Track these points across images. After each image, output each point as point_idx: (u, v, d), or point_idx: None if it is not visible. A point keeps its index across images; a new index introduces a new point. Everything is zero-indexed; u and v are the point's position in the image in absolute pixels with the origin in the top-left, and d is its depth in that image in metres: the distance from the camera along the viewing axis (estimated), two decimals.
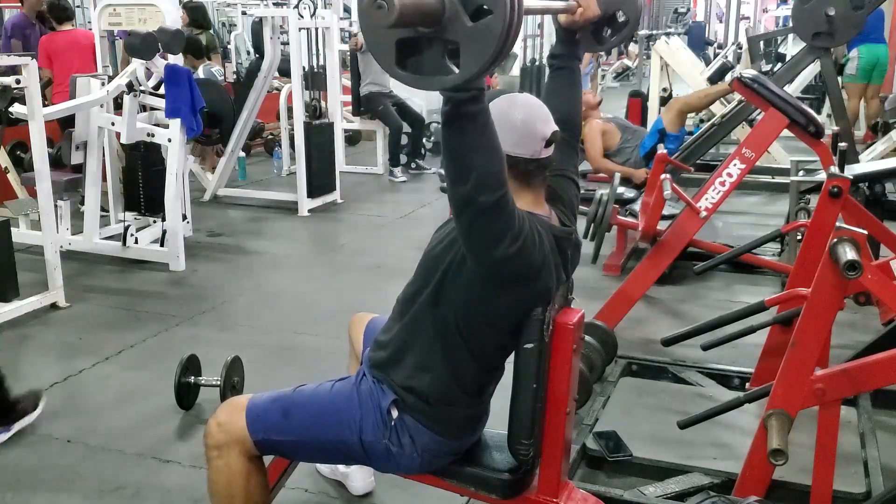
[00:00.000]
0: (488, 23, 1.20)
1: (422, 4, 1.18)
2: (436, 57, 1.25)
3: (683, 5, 22.03)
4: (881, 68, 8.03)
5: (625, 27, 1.99)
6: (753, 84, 3.43)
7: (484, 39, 1.21)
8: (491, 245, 1.55)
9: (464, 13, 1.21)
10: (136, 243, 4.72)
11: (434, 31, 1.22)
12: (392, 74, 1.28)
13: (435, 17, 1.21)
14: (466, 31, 1.21)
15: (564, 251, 1.78)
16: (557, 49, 2.00)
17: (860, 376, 1.98)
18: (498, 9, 1.19)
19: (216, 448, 1.84)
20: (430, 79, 1.27)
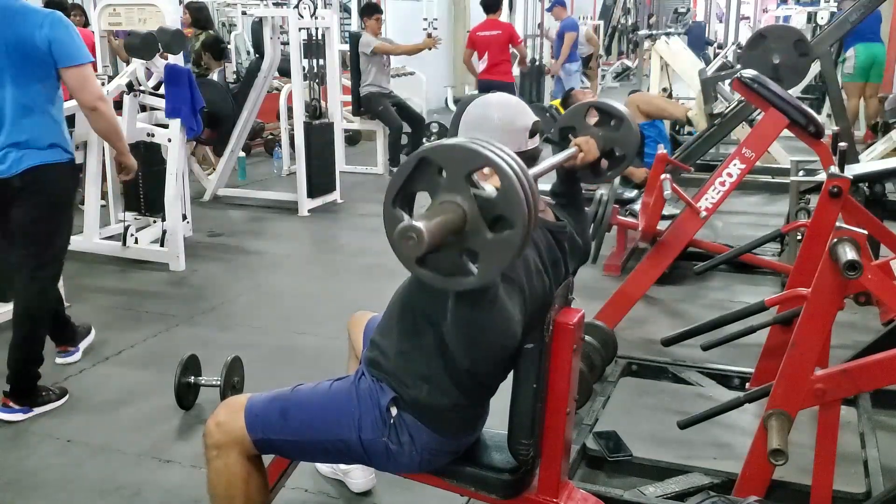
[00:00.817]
0: (509, 237, 1.24)
1: (446, 224, 1.22)
2: (455, 258, 1.28)
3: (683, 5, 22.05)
4: (878, 67, 8.04)
5: (622, 161, 2.07)
6: (753, 84, 3.43)
7: (503, 250, 1.25)
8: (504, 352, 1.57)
9: (484, 225, 1.25)
10: (136, 243, 4.72)
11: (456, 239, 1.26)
12: (411, 270, 1.31)
13: (458, 230, 1.24)
14: (487, 242, 1.25)
15: (562, 245, 1.79)
16: (559, 188, 2.04)
17: (860, 376, 1.98)
18: (518, 223, 1.23)
19: (215, 448, 1.84)
20: (449, 279, 1.30)
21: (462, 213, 1.24)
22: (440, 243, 1.23)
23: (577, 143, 1.96)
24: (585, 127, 2.05)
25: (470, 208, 1.24)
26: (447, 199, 1.25)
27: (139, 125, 4.62)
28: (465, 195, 1.24)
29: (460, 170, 1.24)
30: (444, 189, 1.26)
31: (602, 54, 15.83)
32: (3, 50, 2.76)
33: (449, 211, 1.23)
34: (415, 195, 1.30)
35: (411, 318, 1.78)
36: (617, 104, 2.09)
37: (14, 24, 2.77)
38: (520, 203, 1.22)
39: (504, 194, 1.23)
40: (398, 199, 1.29)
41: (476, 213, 1.24)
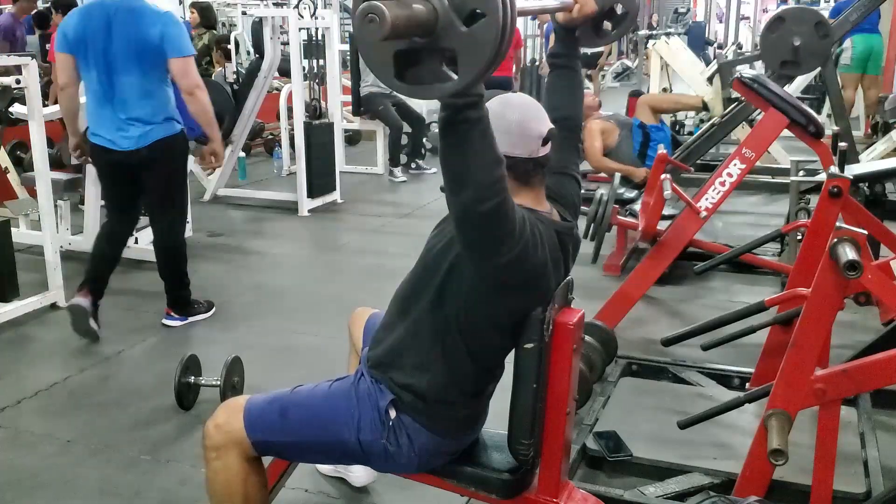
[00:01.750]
0: (482, 27, 1.20)
1: (414, 15, 1.17)
2: (434, 65, 1.24)
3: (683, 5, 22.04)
4: (876, 58, 8.02)
5: (625, 19, 1.98)
6: (753, 84, 3.43)
7: (479, 44, 1.20)
8: (492, 252, 1.54)
9: (457, 20, 1.20)
10: (136, 243, 4.72)
11: (430, 40, 1.22)
12: (391, 86, 1.28)
13: (428, 26, 1.20)
14: (461, 37, 1.21)
15: (566, 246, 1.79)
16: (557, 48, 2.00)
17: (860, 376, 1.98)
18: (491, 12, 1.19)
19: (214, 449, 1.83)
20: (429, 87, 1.26)
21: (431, 7, 1.19)
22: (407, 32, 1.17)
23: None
24: None
25: (440, 3, 1.20)
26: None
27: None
28: None
29: None
30: None
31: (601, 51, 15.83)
32: (126, 44, 3.34)
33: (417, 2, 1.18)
34: None
35: (412, 309, 1.78)
36: None
37: (135, 23, 3.35)
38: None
39: None
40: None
41: (447, 7, 1.20)
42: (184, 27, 3.56)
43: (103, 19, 3.35)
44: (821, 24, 4.56)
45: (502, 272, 1.59)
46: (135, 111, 3.42)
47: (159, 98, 3.47)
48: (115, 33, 3.34)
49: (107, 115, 3.44)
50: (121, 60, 3.36)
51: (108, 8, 3.37)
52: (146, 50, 3.35)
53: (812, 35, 4.43)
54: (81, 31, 3.39)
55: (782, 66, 4.73)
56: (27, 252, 4.61)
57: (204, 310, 3.90)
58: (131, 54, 3.35)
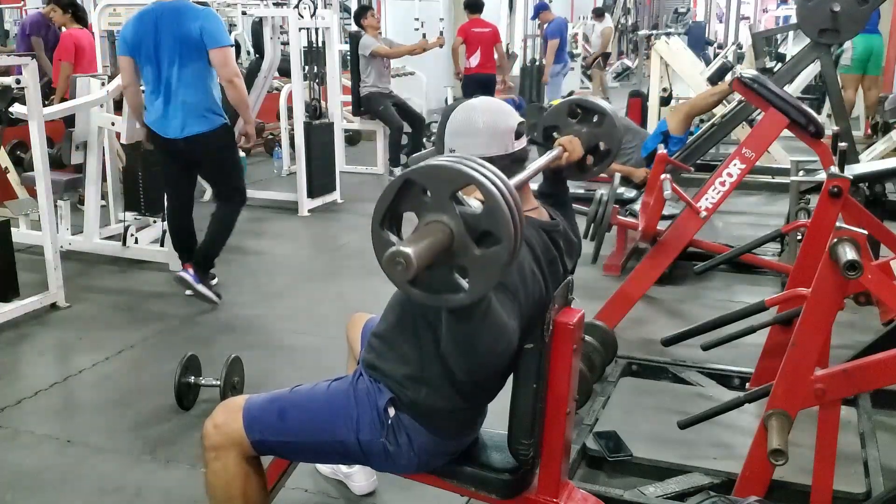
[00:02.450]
0: (496, 252, 1.25)
1: (434, 246, 1.23)
2: (446, 275, 1.29)
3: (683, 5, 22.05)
4: (876, 59, 8.02)
5: (607, 156, 2.07)
6: (753, 84, 3.43)
7: (491, 266, 1.26)
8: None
9: (471, 242, 1.26)
10: (136, 243, 4.72)
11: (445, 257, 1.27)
12: (404, 291, 1.31)
13: (445, 250, 1.25)
14: (475, 258, 1.26)
15: (557, 243, 1.79)
16: (546, 188, 2.04)
17: (860, 376, 1.98)
18: (504, 240, 1.24)
19: (213, 450, 1.83)
20: (440, 297, 1.31)
21: (449, 232, 1.25)
22: (429, 264, 1.24)
23: (561, 143, 1.96)
24: (568, 125, 2.06)
25: (456, 226, 1.25)
26: (433, 219, 1.26)
27: (139, 125, 4.61)
28: (451, 214, 1.26)
29: (445, 190, 1.26)
30: (429, 209, 1.27)
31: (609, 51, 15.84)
32: (172, 41, 3.70)
33: (436, 231, 1.25)
34: (402, 216, 1.31)
35: (410, 321, 1.78)
36: (598, 100, 2.10)
37: (178, 20, 3.70)
38: (505, 218, 1.23)
39: (489, 211, 1.24)
40: (385, 221, 1.30)
41: (462, 230, 1.26)
42: (221, 21, 3.88)
43: (152, 21, 3.74)
44: None
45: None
46: (179, 103, 3.78)
47: (202, 91, 3.79)
48: (162, 32, 3.72)
49: (158, 106, 3.83)
50: (167, 56, 3.73)
51: (156, 10, 3.76)
52: (188, 44, 3.70)
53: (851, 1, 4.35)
54: (136, 35, 3.77)
55: (821, 33, 4.62)
56: (27, 252, 4.61)
57: (212, 291, 4.06)
58: (176, 49, 3.71)
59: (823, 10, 4.37)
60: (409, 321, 1.78)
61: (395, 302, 1.85)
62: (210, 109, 3.84)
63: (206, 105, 3.82)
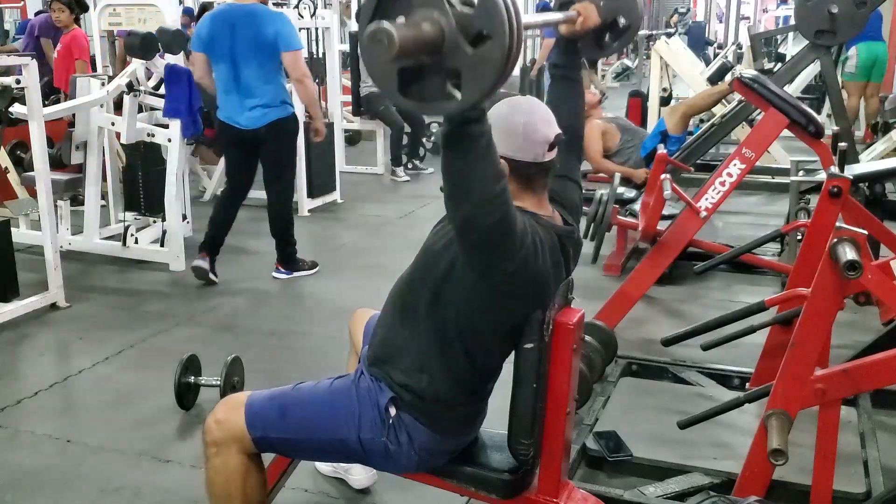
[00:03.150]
0: (489, 49, 1.20)
1: (421, 36, 1.17)
2: (438, 83, 1.24)
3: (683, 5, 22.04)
4: (880, 66, 8.02)
5: (626, 31, 1.99)
6: (753, 84, 3.43)
7: (485, 66, 1.21)
8: (493, 263, 1.55)
9: (464, 41, 1.20)
10: (136, 243, 4.72)
11: (435, 59, 1.22)
12: (395, 101, 1.28)
13: (435, 46, 1.20)
14: (467, 58, 1.21)
15: (566, 249, 1.79)
16: (558, 58, 2.00)
17: (860, 376, 1.98)
18: (497, 35, 1.18)
19: (214, 445, 1.83)
20: (432, 104, 1.26)
21: (439, 28, 1.19)
22: (414, 53, 1.18)
23: (577, 9, 1.89)
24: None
25: (447, 24, 1.20)
26: (423, 14, 1.20)
27: (139, 125, 4.62)
28: (442, 10, 1.20)
29: None
30: (419, 4, 1.21)
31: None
32: (247, 41, 4.06)
33: (425, 21, 1.19)
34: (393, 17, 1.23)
35: (410, 309, 1.78)
36: None
37: (254, 23, 4.06)
38: (500, 15, 1.17)
39: (483, 7, 1.18)
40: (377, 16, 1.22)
41: (454, 28, 1.20)
42: (293, 26, 4.24)
43: (228, 22, 4.09)
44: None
45: (503, 282, 1.59)
46: (255, 96, 4.14)
47: (275, 85, 4.18)
48: (238, 33, 4.06)
49: (232, 100, 4.17)
50: (243, 55, 4.08)
51: (231, 12, 4.13)
52: (263, 45, 4.06)
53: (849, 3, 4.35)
54: (211, 34, 4.13)
55: (817, 35, 4.61)
56: (27, 252, 4.61)
57: (307, 267, 4.54)
58: (251, 50, 4.07)
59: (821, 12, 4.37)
60: (410, 309, 1.78)
61: (395, 293, 1.85)
62: (283, 101, 4.22)
63: (280, 98, 4.20)
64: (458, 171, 1.42)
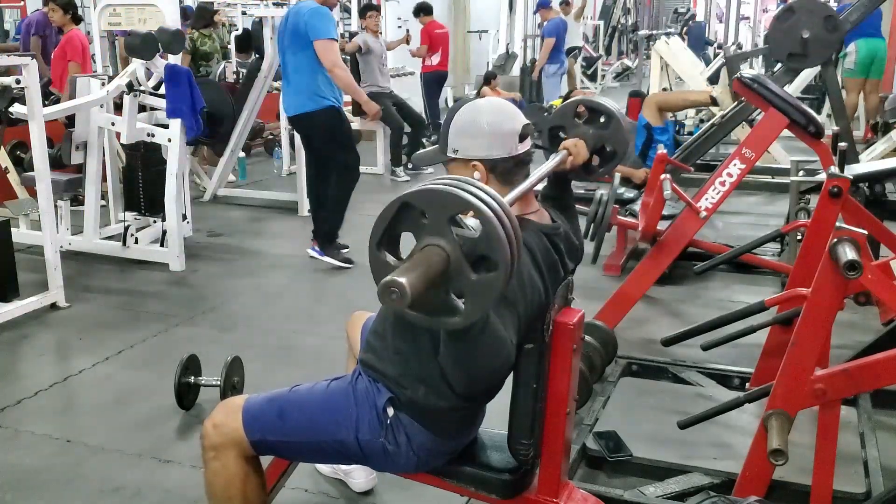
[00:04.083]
0: (492, 279, 1.25)
1: (429, 272, 1.22)
2: (442, 298, 1.29)
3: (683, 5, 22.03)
4: (879, 63, 8.02)
5: (613, 157, 2.05)
6: (753, 84, 3.43)
7: (487, 291, 1.26)
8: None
9: (468, 267, 1.26)
10: (136, 243, 4.72)
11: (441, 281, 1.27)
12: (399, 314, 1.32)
13: (442, 274, 1.25)
14: (471, 283, 1.26)
15: (558, 246, 1.78)
16: (550, 192, 2.03)
17: (860, 376, 1.98)
18: (501, 266, 1.24)
19: (213, 449, 1.83)
20: (436, 319, 1.31)
21: (445, 257, 1.25)
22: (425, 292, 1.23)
23: (566, 147, 1.94)
24: (574, 126, 2.04)
25: (453, 251, 1.25)
26: (431, 242, 1.26)
27: (139, 125, 4.62)
28: (449, 238, 1.26)
29: (442, 214, 1.26)
30: (427, 232, 1.27)
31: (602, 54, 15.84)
32: (290, 33, 4.42)
33: (432, 256, 1.24)
34: (399, 237, 1.31)
35: (408, 324, 1.77)
36: (605, 100, 2.08)
37: (297, 16, 4.39)
38: (502, 245, 1.23)
39: (486, 237, 1.24)
40: (383, 242, 1.30)
41: (459, 254, 1.26)
42: (326, 16, 4.39)
43: (286, 18, 4.51)
44: (830, 17, 4.54)
45: None
46: (291, 85, 4.49)
47: (306, 75, 4.39)
48: (287, 26, 4.44)
49: (284, 89, 4.67)
50: (288, 46, 4.45)
51: (291, 8, 4.58)
52: (298, 35, 4.35)
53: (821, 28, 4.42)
54: (278, 30, 4.64)
55: (789, 58, 4.71)
56: (27, 252, 4.61)
57: (339, 258, 4.69)
58: (291, 41, 4.41)
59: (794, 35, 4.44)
60: (408, 323, 1.77)
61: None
62: (315, 92, 4.41)
63: (311, 89, 4.39)
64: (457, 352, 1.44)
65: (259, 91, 6.25)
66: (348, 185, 4.71)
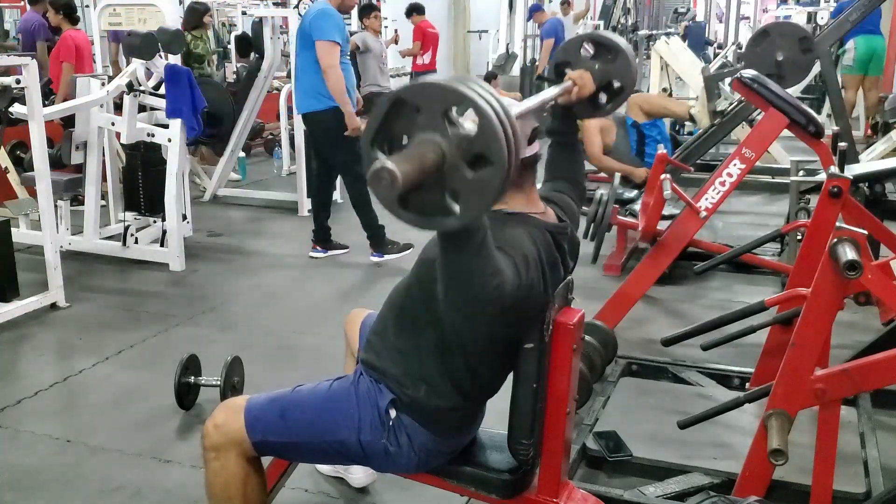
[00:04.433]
0: (488, 175, 1.21)
1: (422, 165, 1.18)
2: (437, 198, 1.25)
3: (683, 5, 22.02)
4: (878, 60, 8.02)
5: (621, 93, 2.02)
6: (753, 84, 3.43)
7: (484, 189, 1.22)
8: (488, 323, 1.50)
9: (463, 164, 1.22)
10: (136, 243, 4.72)
11: (435, 178, 1.23)
12: (394, 213, 1.27)
13: (436, 170, 1.21)
14: (466, 181, 1.22)
15: (561, 246, 1.78)
16: (556, 126, 2.01)
17: (860, 376, 1.98)
18: (497, 162, 1.20)
19: (213, 450, 1.83)
20: (430, 219, 1.27)
21: (440, 152, 1.20)
22: (417, 183, 1.19)
23: (572, 77, 1.91)
24: (581, 61, 2.00)
25: (448, 147, 1.21)
26: (424, 138, 1.21)
27: (139, 125, 4.62)
28: (443, 133, 1.21)
29: (436, 108, 1.21)
30: (420, 127, 1.22)
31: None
32: (299, 33, 4.55)
33: (426, 149, 1.20)
34: (394, 136, 1.25)
35: (409, 320, 1.77)
36: (613, 35, 2.04)
37: (307, 16, 4.51)
38: (499, 140, 1.18)
39: (482, 132, 1.19)
40: (377, 140, 1.25)
41: (454, 151, 1.21)
42: (331, 18, 4.40)
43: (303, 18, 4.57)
44: (805, 39, 4.60)
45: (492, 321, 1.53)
46: (298, 83, 4.58)
47: (313, 75, 4.41)
48: (300, 26, 4.52)
49: (294, 86, 4.73)
50: (297, 46, 4.58)
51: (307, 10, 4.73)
52: (304, 35, 4.44)
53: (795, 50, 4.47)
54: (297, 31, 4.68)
55: None
56: (27, 252, 4.61)
57: (397, 251, 4.72)
58: (298, 40, 4.53)
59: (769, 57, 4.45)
60: (409, 320, 1.78)
61: (393, 301, 1.84)
62: (319, 92, 4.42)
63: (316, 88, 4.41)
64: (452, 266, 1.40)
65: (259, 91, 6.26)
66: (359, 185, 4.64)
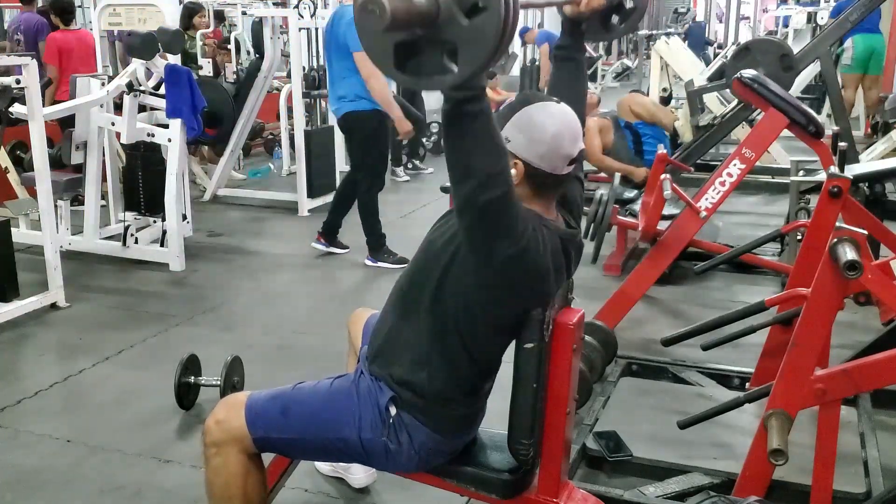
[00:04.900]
0: (484, 21, 1.19)
1: (414, 6, 1.16)
2: (434, 57, 1.23)
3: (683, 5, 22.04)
4: (877, 58, 8.01)
5: (633, 13, 1.97)
6: (753, 84, 3.43)
7: (481, 38, 1.20)
8: (492, 244, 1.54)
9: (459, 12, 1.19)
10: (136, 243, 4.72)
11: (430, 32, 1.21)
12: (391, 76, 1.27)
13: (429, 17, 1.19)
14: (462, 30, 1.20)
15: (569, 253, 1.78)
16: (563, 40, 1.99)
17: (860, 376, 1.98)
18: (492, 6, 1.18)
19: (214, 446, 1.83)
20: (429, 79, 1.26)
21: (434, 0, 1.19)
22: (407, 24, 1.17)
23: None
24: None
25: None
26: None
27: (139, 125, 4.61)
28: None
29: None
30: None
31: (602, 54, 15.84)
32: (332, 39, 4.56)
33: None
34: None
35: (411, 304, 1.78)
36: None
37: (339, 23, 4.48)
38: None
39: None
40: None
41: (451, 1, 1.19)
42: None
43: (330, 21, 4.63)
44: (785, 56, 4.64)
45: (502, 267, 1.57)
46: (337, 89, 4.60)
47: (350, 81, 4.49)
48: (330, 31, 4.57)
49: (330, 91, 4.75)
50: (331, 52, 4.62)
51: (336, 10, 4.73)
52: (340, 44, 4.47)
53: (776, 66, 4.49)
54: (325, 33, 4.79)
55: None
56: (27, 252, 4.61)
57: (392, 261, 4.68)
58: (333, 47, 4.55)
59: None
60: (410, 304, 1.78)
61: (395, 291, 1.85)
62: (358, 95, 4.49)
63: (355, 92, 4.49)
64: (458, 150, 1.43)
65: (259, 91, 6.25)
66: (370, 190, 4.70)
